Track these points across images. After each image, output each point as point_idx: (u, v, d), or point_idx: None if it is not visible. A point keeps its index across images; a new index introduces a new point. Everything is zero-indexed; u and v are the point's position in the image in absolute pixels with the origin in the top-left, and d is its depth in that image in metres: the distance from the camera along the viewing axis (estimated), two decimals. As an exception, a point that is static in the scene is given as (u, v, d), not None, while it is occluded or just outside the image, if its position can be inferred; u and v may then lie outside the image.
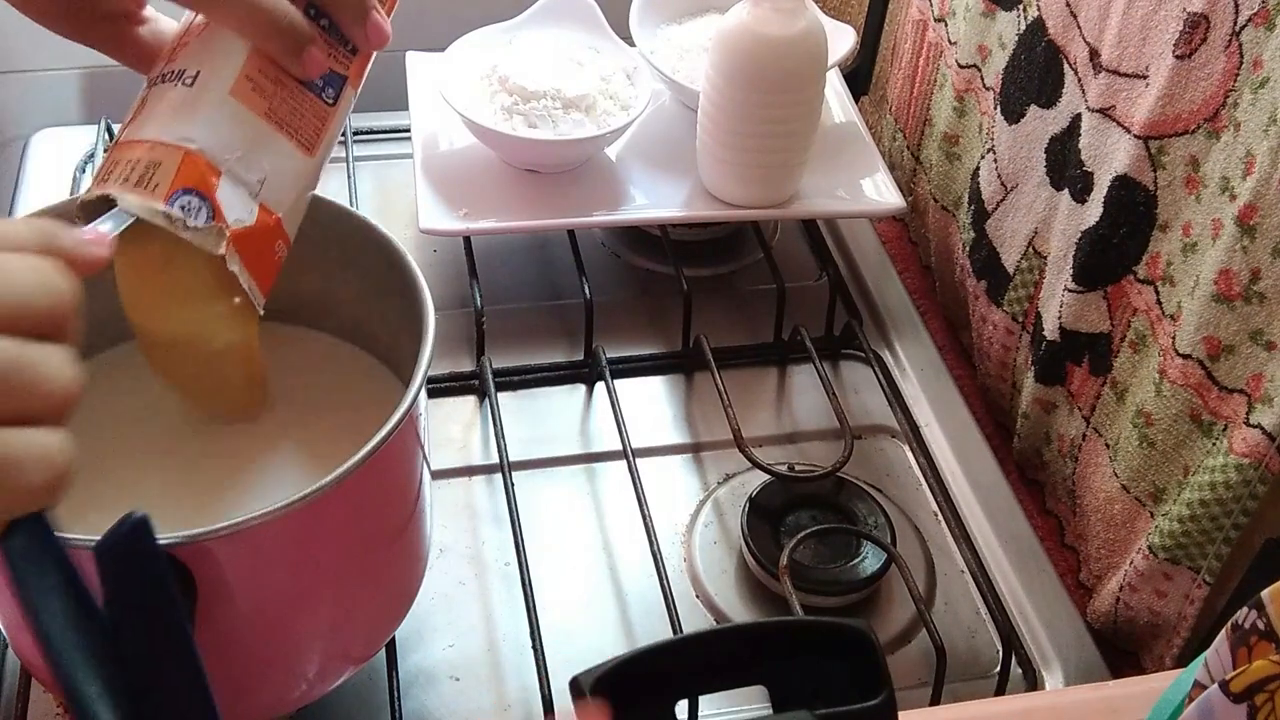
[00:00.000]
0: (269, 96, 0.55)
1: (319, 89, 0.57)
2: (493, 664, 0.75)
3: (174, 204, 0.52)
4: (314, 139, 0.57)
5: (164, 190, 0.52)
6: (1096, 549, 0.77)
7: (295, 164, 0.57)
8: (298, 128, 0.56)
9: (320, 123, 0.57)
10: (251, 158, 0.55)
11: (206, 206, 0.53)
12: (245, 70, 0.55)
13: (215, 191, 0.53)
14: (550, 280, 0.99)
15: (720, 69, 0.86)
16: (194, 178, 0.53)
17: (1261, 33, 0.63)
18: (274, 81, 0.55)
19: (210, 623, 0.52)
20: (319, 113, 0.57)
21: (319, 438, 0.67)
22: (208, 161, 0.53)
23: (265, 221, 0.55)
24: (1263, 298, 0.63)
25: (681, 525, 0.83)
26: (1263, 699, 0.40)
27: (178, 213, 0.52)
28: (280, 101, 0.56)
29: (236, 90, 0.55)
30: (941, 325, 0.98)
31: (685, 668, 0.46)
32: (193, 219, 0.52)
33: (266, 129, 0.55)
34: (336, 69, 0.58)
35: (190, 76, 0.55)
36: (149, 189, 0.52)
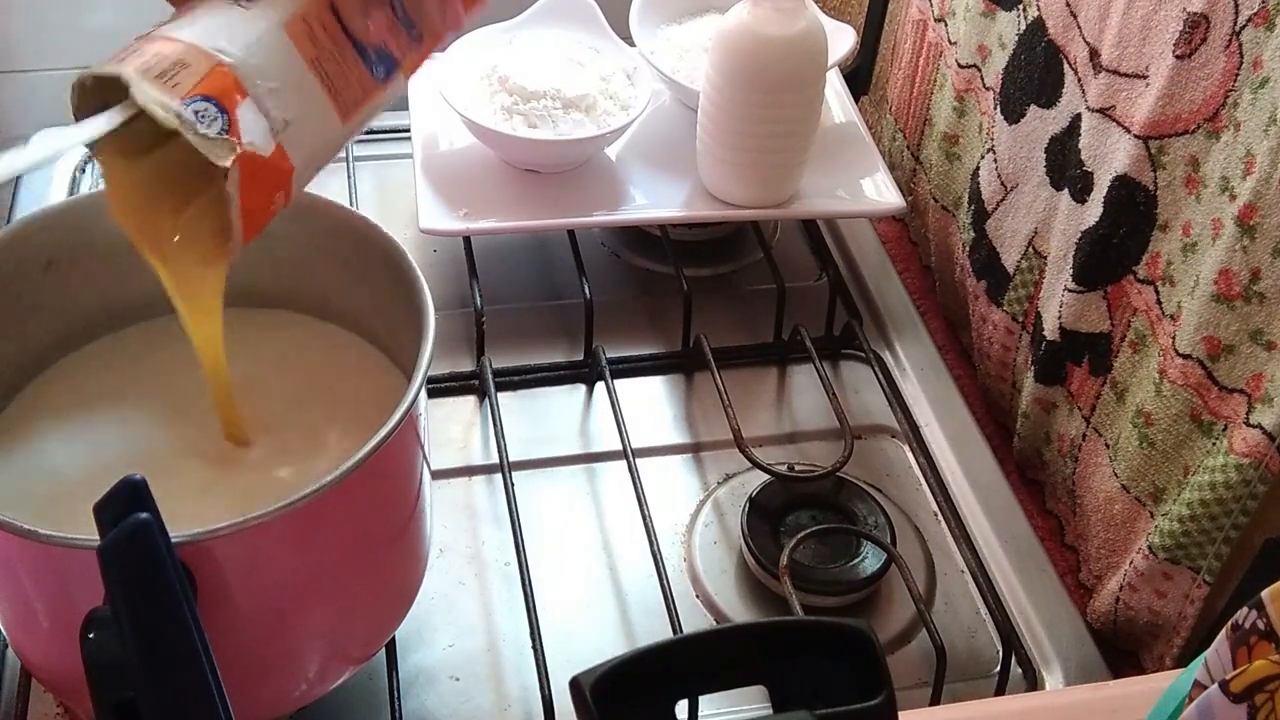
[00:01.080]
0: (321, 47, 0.53)
1: (371, 61, 0.55)
2: (493, 664, 0.75)
3: (190, 106, 0.49)
4: (351, 107, 0.55)
5: (184, 89, 0.49)
6: (1096, 549, 0.77)
7: (326, 122, 0.55)
8: (340, 89, 0.54)
9: (363, 94, 0.56)
10: (285, 95, 0.52)
11: (223, 118, 0.50)
12: (305, 11, 0.53)
13: (236, 108, 0.51)
14: (550, 280, 0.99)
15: (720, 69, 0.86)
16: (219, 88, 0.50)
17: (1261, 33, 0.63)
18: (330, 36, 0.54)
19: (210, 623, 0.52)
20: (365, 84, 0.55)
21: (321, 432, 0.67)
22: (238, 79, 0.51)
23: (278, 161, 0.53)
24: (1263, 298, 0.63)
25: (681, 525, 0.83)
26: (1263, 699, 0.40)
27: (190, 115, 0.49)
28: (330, 56, 0.54)
29: (291, 27, 0.52)
30: (941, 325, 0.98)
31: (685, 668, 0.46)
32: (205, 126, 0.50)
33: (309, 76, 0.53)
34: (393, 50, 0.56)
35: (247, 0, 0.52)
36: (168, 84, 0.49)
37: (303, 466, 0.65)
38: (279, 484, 0.64)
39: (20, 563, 0.58)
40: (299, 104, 0.53)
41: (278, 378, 0.70)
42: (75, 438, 0.67)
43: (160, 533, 0.48)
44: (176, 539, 0.50)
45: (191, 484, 0.64)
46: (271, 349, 0.72)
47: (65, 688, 0.65)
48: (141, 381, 0.70)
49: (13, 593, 0.60)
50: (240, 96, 0.51)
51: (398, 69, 0.57)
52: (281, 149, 0.52)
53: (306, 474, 0.60)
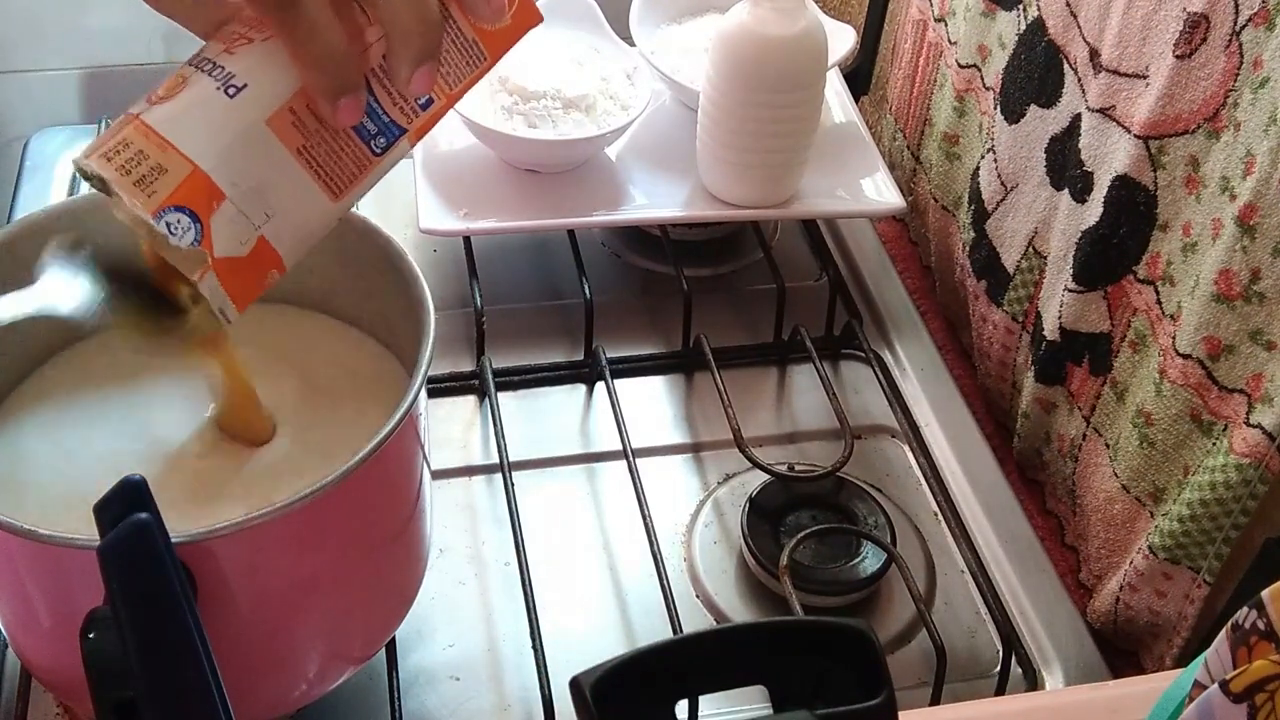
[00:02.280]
0: (308, 134, 0.53)
1: (369, 135, 0.54)
2: (493, 664, 0.75)
3: (162, 219, 0.50)
4: (344, 185, 0.55)
5: (158, 201, 0.50)
6: (1096, 549, 0.77)
7: (315, 206, 0.54)
8: (330, 171, 0.54)
9: (357, 169, 0.55)
10: (265, 192, 0.52)
11: (196, 229, 0.51)
12: (293, 101, 0.52)
13: (211, 216, 0.51)
14: (550, 280, 0.99)
15: (720, 69, 0.86)
16: (193, 198, 0.51)
17: (1261, 33, 0.63)
18: (319, 119, 0.53)
19: (210, 623, 0.52)
20: (359, 159, 0.55)
21: (324, 429, 0.67)
22: (214, 184, 0.51)
23: (260, 254, 0.53)
24: (1263, 297, 0.63)
25: (681, 525, 0.83)
26: (1263, 699, 0.40)
27: (162, 229, 0.50)
28: (319, 140, 0.53)
29: (275, 120, 0.52)
30: (941, 325, 0.98)
31: (685, 668, 0.46)
32: (178, 238, 0.51)
33: (293, 166, 0.53)
34: (398, 120, 0.55)
35: (235, 86, 0.52)
36: (145, 192, 0.50)
37: (304, 463, 0.65)
38: (279, 481, 0.64)
39: (20, 563, 0.58)
40: (283, 196, 0.53)
41: (279, 372, 0.70)
42: (72, 435, 0.67)
43: (160, 533, 0.48)
44: (176, 539, 0.50)
45: (190, 481, 0.64)
46: (272, 343, 0.72)
47: (65, 688, 0.65)
48: (140, 378, 0.70)
49: (13, 593, 0.60)
50: (216, 203, 0.51)
51: (402, 136, 0.56)
52: (264, 241, 0.53)
53: (309, 468, 0.60)
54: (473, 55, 0.57)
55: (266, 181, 0.52)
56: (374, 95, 0.54)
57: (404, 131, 0.55)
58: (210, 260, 0.51)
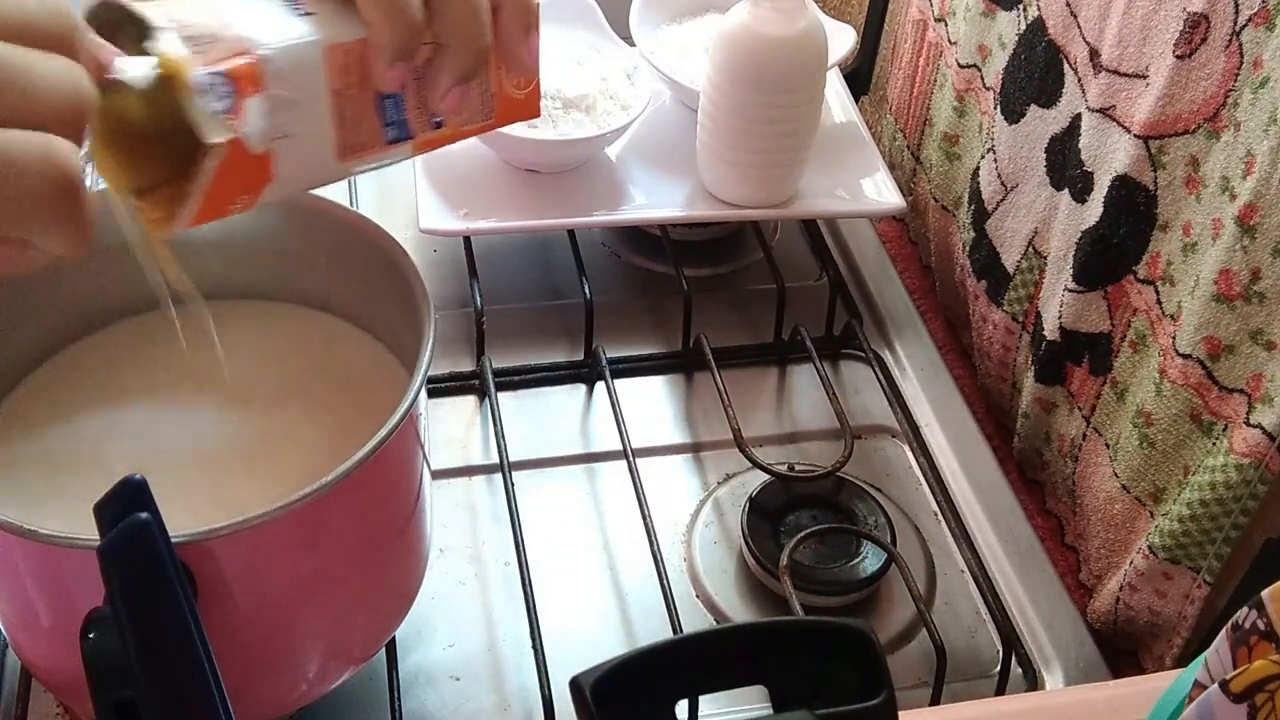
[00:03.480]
0: (349, 82, 0.53)
1: (386, 120, 0.55)
2: (493, 664, 0.75)
3: (204, 76, 0.49)
4: (352, 150, 0.55)
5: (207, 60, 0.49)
6: (1096, 549, 0.77)
7: (322, 151, 0.54)
8: (349, 128, 0.54)
9: (367, 142, 0.55)
10: (295, 109, 0.52)
11: (231, 100, 0.49)
12: (349, 46, 0.52)
13: (247, 98, 0.50)
14: (550, 280, 0.99)
15: (720, 69, 0.86)
16: (240, 73, 0.50)
17: (1261, 32, 0.63)
18: (361, 76, 0.53)
19: (210, 622, 0.52)
20: (373, 135, 0.55)
21: (324, 428, 0.67)
22: (259, 73, 0.50)
23: (261, 164, 0.52)
24: (1263, 297, 0.63)
25: (681, 525, 0.83)
26: (1263, 699, 0.40)
27: (203, 82, 0.49)
28: (353, 95, 0.53)
29: (330, 52, 0.52)
30: (941, 325, 0.98)
31: (685, 668, 0.46)
32: (213, 100, 0.49)
33: (325, 102, 0.53)
34: (412, 124, 0.56)
35: (302, 8, 0.52)
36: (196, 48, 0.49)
37: (304, 462, 0.65)
38: (280, 480, 0.64)
39: (20, 563, 0.58)
40: (305, 123, 0.53)
41: (279, 369, 0.70)
42: (72, 432, 0.67)
43: (160, 533, 0.48)
44: (176, 539, 0.50)
45: (189, 478, 0.64)
46: (272, 342, 0.72)
47: (65, 688, 0.65)
48: (139, 375, 0.70)
49: (13, 593, 0.60)
50: (255, 90, 0.50)
51: (408, 140, 0.57)
52: (269, 155, 0.52)
53: (311, 467, 0.60)
54: (486, 108, 0.59)
55: (299, 100, 0.52)
56: (404, 92, 0.55)
57: (411, 138, 0.56)
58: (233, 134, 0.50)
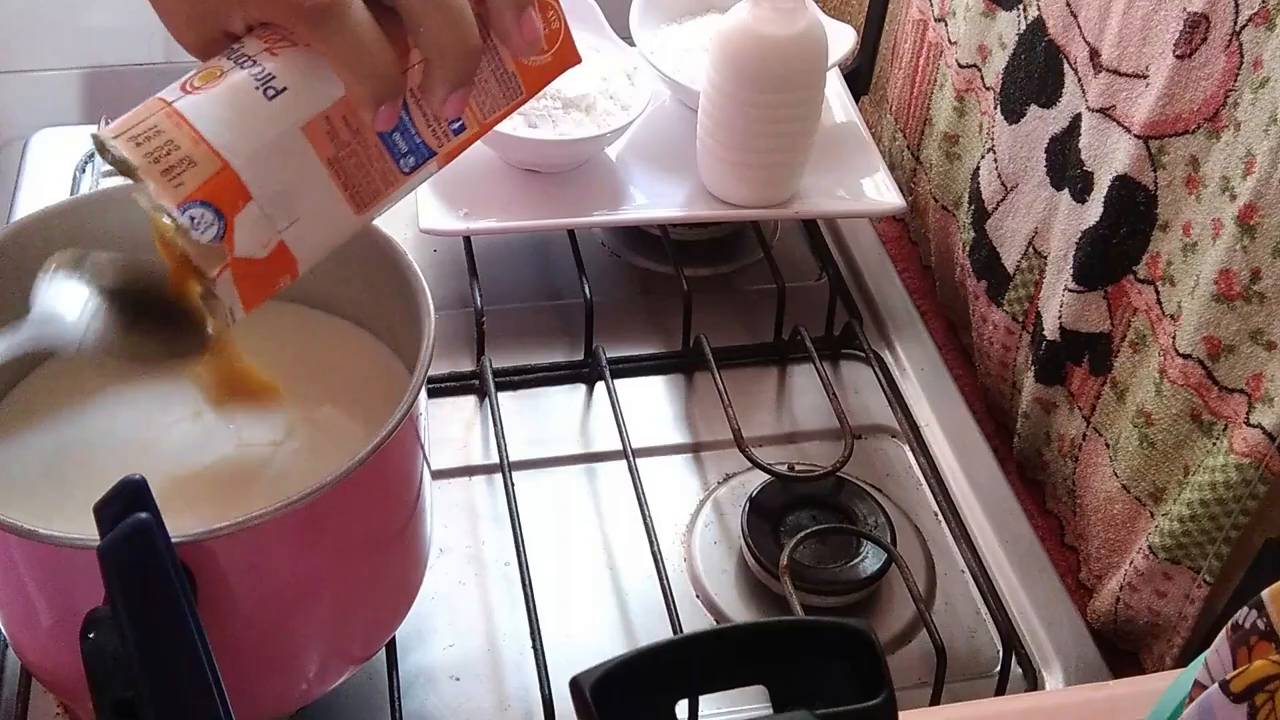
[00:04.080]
0: (341, 144, 0.53)
1: (399, 153, 0.55)
2: (493, 664, 0.75)
3: (186, 211, 0.50)
4: (369, 199, 0.55)
5: (184, 193, 0.50)
6: (1096, 549, 0.77)
7: (338, 217, 0.54)
8: (358, 184, 0.54)
9: (384, 185, 0.55)
10: (292, 198, 0.52)
11: (220, 226, 0.50)
12: (330, 110, 0.52)
13: (236, 215, 0.51)
14: (550, 280, 0.99)
15: (720, 69, 0.86)
16: (219, 194, 0.50)
17: (1262, 32, 0.63)
18: (353, 131, 0.53)
19: (210, 622, 0.52)
20: (387, 176, 0.55)
21: (325, 428, 0.67)
22: (243, 184, 0.51)
23: (277, 258, 0.53)
24: (1263, 297, 0.63)
25: (681, 525, 0.83)
26: (1263, 699, 0.40)
27: (185, 221, 0.50)
28: (351, 152, 0.53)
29: (310, 128, 0.52)
30: (941, 325, 0.98)
31: (685, 668, 0.46)
32: (200, 233, 0.50)
33: (322, 175, 0.53)
34: (429, 142, 0.55)
35: (274, 89, 0.51)
36: (173, 183, 0.50)
37: (304, 463, 0.65)
38: (279, 480, 0.64)
39: (20, 563, 0.58)
40: (308, 203, 0.53)
41: (279, 369, 0.70)
42: (71, 432, 0.67)
43: (160, 533, 0.48)
44: (176, 539, 0.50)
45: (189, 478, 0.64)
46: (272, 342, 0.72)
47: (65, 688, 0.65)
48: (139, 377, 0.70)
49: (13, 593, 0.60)
50: (242, 202, 0.51)
51: (431, 159, 0.56)
52: (283, 246, 0.53)
53: (308, 470, 0.60)
54: (510, 88, 0.58)
55: (294, 187, 0.52)
56: (409, 115, 0.54)
57: (433, 154, 0.56)
58: (229, 259, 0.51)
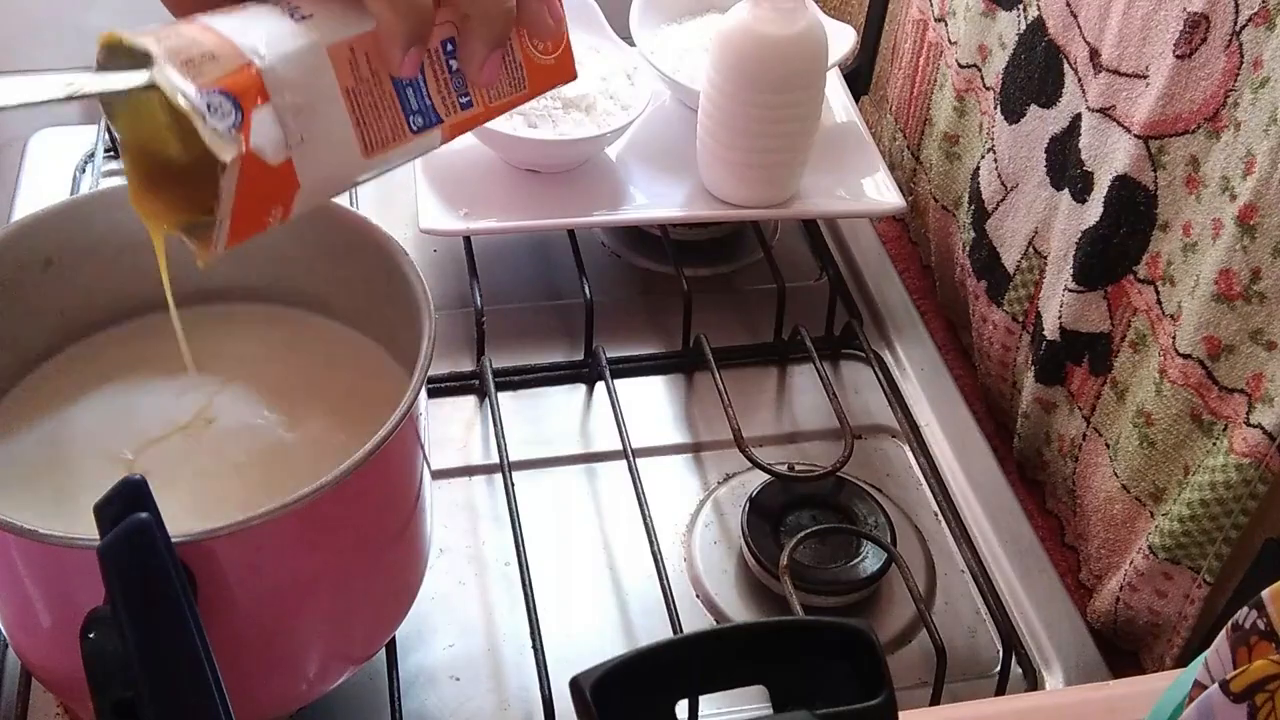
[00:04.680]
0: (360, 78, 0.52)
1: (409, 110, 0.54)
2: (493, 664, 0.75)
3: (206, 96, 0.48)
4: (377, 144, 0.54)
5: (204, 80, 0.48)
6: (1097, 549, 0.77)
7: (345, 151, 0.53)
8: (370, 124, 0.53)
9: (392, 136, 0.54)
10: (308, 114, 0.51)
11: (237, 115, 0.49)
12: (354, 41, 0.52)
13: (254, 110, 0.49)
14: (550, 280, 0.99)
15: (720, 69, 0.86)
16: (240, 86, 0.49)
17: (1262, 32, 0.63)
18: (373, 71, 0.52)
19: (210, 623, 0.52)
20: (396, 127, 0.54)
21: (324, 428, 0.67)
22: (263, 84, 0.49)
23: (283, 177, 0.51)
24: (1263, 297, 0.63)
25: (681, 525, 0.83)
26: (1263, 699, 0.40)
27: (203, 105, 0.48)
28: (368, 90, 0.53)
29: (335, 51, 0.51)
30: (941, 325, 0.98)
31: (685, 668, 0.46)
32: (217, 119, 0.48)
33: (339, 102, 0.52)
34: (438, 108, 0.55)
35: (301, 14, 0.51)
36: (193, 72, 0.48)
37: (304, 463, 0.65)
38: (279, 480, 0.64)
39: (20, 563, 0.58)
40: (322, 125, 0.52)
41: (278, 372, 0.70)
42: (70, 432, 0.67)
43: (160, 533, 0.48)
44: (176, 539, 0.50)
45: (189, 478, 0.64)
46: (272, 343, 0.72)
47: (65, 688, 0.65)
48: (138, 375, 0.70)
49: (13, 593, 0.60)
50: (260, 100, 0.50)
51: (437, 125, 0.56)
52: (291, 164, 0.51)
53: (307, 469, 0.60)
54: (516, 79, 0.58)
55: (311, 105, 0.51)
56: (424, 76, 0.54)
57: (440, 121, 0.55)
58: (244, 148, 0.49)
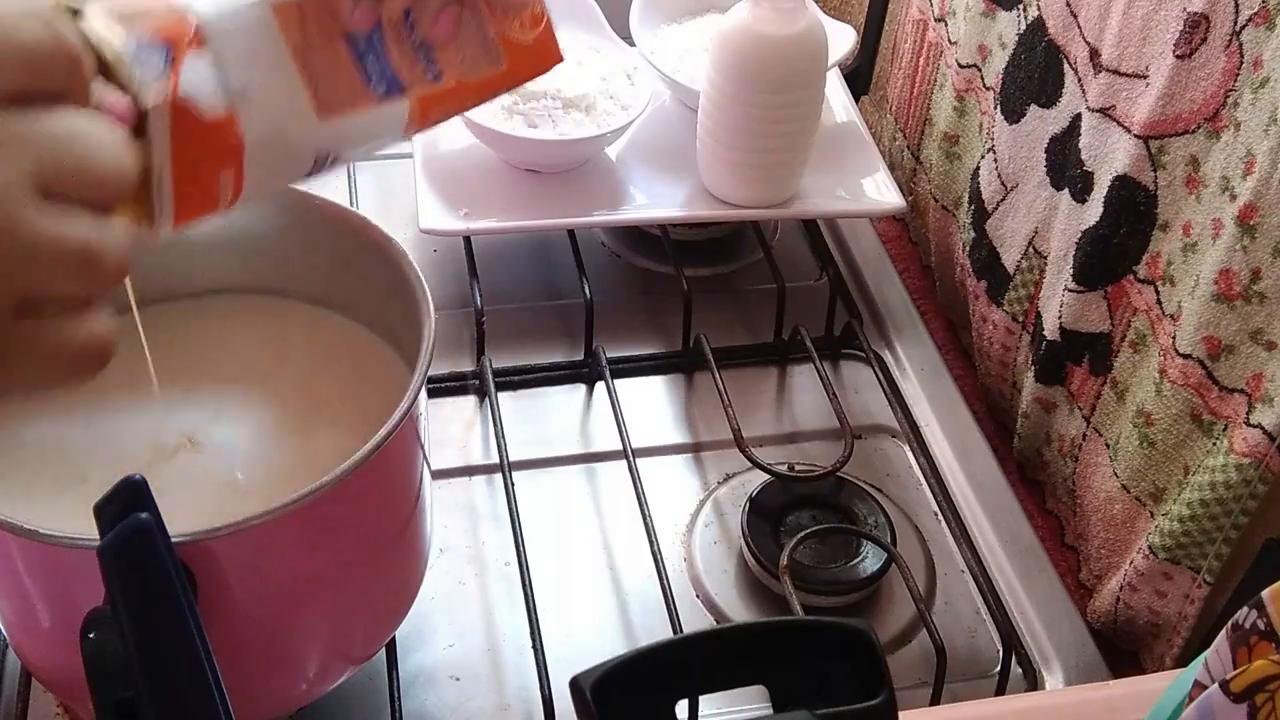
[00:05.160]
0: (310, 37, 0.49)
1: (370, 76, 0.51)
2: (493, 664, 0.75)
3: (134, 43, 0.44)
4: (334, 106, 0.50)
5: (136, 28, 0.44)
6: (1097, 549, 0.77)
7: (299, 113, 0.49)
8: (322, 82, 0.49)
9: (351, 97, 0.50)
10: (251, 68, 0.47)
11: (166, 62, 0.45)
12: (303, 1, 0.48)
13: (184, 55, 0.45)
14: (550, 280, 0.99)
15: (720, 69, 0.86)
16: (173, 34, 0.45)
17: (1262, 32, 0.63)
18: (323, 30, 0.49)
19: (210, 623, 0.52)
20: (355, 90, 0.50)
21: (324, 428, 0.67)
22: (199, 33, 0.45)
23: (224, 130, 0.46)
24: (1263, 297, 0.63)
25: (681, 525, 0.83)
26: (1263, 699, 0.40)
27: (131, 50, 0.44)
28: (318, 50, 0.49)
29: (281, 10, 0.48)
30: (941, 325, 0.98)
31: (685, 668, 0.46)
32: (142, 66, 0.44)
33: (287, 60, 0.48)
34: (400, 75, 0.51)
35: None
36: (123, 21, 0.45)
37: (303, 463, 0.65)
38: (278, 480, 0.64)
39: (20, 563, 0.58)
40: (266, 81, 0.48)
41: (280, 366, 0.70)
42: (68, 432, 0.67)
43: (160, 533, 0.48)
44: (176, 539, 0.50)
45: (188, 476, 0.64)
46: (273, 336, 0.72)
47: (65, 688, 0.65)
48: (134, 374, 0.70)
49: (13, 593, 0.60)
50: (195, 47, 0.45)
51: (401, 94, 0.52)
52: (233, 118, 0.46)
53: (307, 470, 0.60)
54: (492, 54, 0.55)
55: (254, 60, 0.47)
56: (384, 43, 0.51)
57: (403, 90, 0.52)
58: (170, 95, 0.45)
